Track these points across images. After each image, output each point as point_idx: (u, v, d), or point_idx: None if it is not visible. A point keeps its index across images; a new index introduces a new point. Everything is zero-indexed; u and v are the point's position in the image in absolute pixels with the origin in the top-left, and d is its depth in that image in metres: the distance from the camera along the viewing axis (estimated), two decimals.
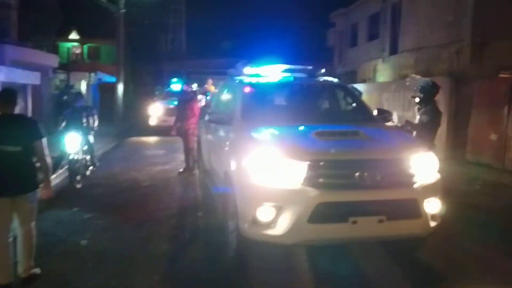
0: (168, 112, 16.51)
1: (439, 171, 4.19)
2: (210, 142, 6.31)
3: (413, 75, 8.94)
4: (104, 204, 6.48)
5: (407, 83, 9.50)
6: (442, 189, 4.11)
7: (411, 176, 3.90)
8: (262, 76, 5.83)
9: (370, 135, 4.22)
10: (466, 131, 10.59)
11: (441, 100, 11.34)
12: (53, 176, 7.78)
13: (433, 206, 3.96)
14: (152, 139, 15.09)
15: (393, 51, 16.34)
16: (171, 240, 4.95)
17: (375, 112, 5.40)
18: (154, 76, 38.36)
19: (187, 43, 43.16)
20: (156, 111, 16.79)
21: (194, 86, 20.02)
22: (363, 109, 5.55)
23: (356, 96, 5.84)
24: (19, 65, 11.87)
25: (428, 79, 6.69)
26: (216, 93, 7.16)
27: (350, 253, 4.56)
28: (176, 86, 10.02)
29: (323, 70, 6.06)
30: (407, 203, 3.83)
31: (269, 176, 3.79)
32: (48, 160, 3.91)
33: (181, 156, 10.85)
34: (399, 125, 6.30)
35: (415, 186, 3.88)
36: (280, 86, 5.81)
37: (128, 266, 4.22)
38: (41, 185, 3.93)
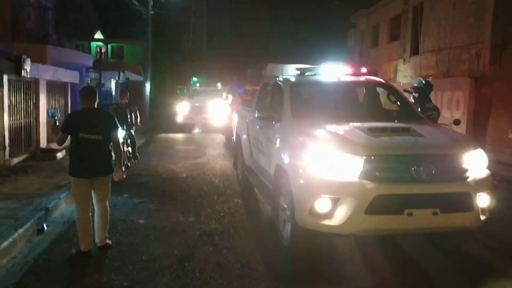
0: (194, 110, 17.27)
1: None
2: (255, 139, 6.37)
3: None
4: (150, 191, 7.17)
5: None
6: (492, 184, 4.28)
7: (464, 171, 4.06)
8: (308, 75, 6.05)
9: (421, 132, 4.38)
10: (486, 130, 10.97)
11: (461, 100, 11.80)
12: None
13: (483, 200, 4.11)
14: (179, 136, 15.81)
15: (414, 52, 16.69)
16: (217, 221, 5.59)
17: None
18: (175, 75, 39.25)
19: (208, 42, 44.03)
20: (182, 109, 17.52)
21: (218, 85, 20.78)
22: (408, 107, 5.65)
23: (400, 94, 5.89)
24: (59, 64, 12.67)
25: (421, 78, 7.15)
26: (259, 92, 7.27)
27: (400, 246, 4.75)
28: None
29: (364, 69, 6.12)
30: (460, 197, 3.99)
31: (326, 170, 3.97)
32: (121, 147, 4.56)
33: (212, 151, 11.56)
34: None
35: (468, 180, 4.03)
36: (326, 84, 5.89)
37: (185, 239, 4.89)
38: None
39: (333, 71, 6.03)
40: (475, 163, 4.16)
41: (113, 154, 4.59)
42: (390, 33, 19.30)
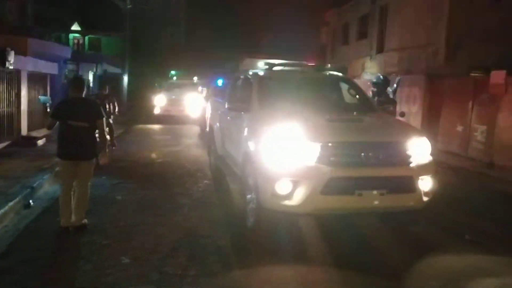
0: (171, 103, 17.86)
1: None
2: (226, 128, 6.86)
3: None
4: (127, 174, 7.86)
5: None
6: (434, 169, 4.74)
7: (407, 157, 4.56)
8: (275, 69, 6.60)
9: (373, 122, 4.97)
10: (438, 123, 12.02)
11: (418, 95, 12.83)
12: None
13: (426, 183, 4.59)
14: (156, 126, 16.42)
15: (380, 49, 17.72)
16: (187, 197, 6.38)
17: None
18: (153, 68, 39.47)
19: (187, 36, 44.38)
20: (160, 101, 18.06)
21: (195, 79, 21.38)
22: (366, 100, 6.20)
23: (359, 88, 6.43)
24: (39, 56, 13.09)
25: (379, 74, 8.06)
26: (230, 84, 7.66)
27: (354, 228, 5.18)
28: None
29: (329, 65, 6.78)
30: (404, 180, 4.50)
31: (287, 155, 4.41)
32: (106, 135, 5.09)
33: (187, 141, 12.28)
34: None
35: (411, 165, 4.53)
36: (292, 78, 6.40)
37: (158, 210, 5.66)
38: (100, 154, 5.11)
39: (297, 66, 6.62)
40: (419, 150, 4.66)
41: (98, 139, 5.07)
42: (359, 31, 20.32)
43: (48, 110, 5.23)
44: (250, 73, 6.55)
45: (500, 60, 12.53)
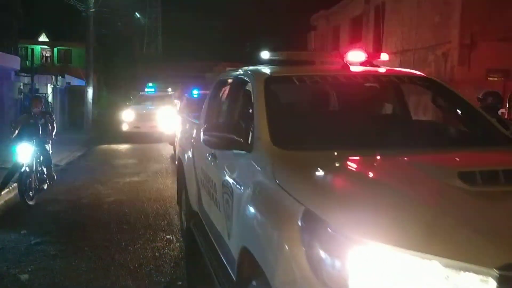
0: (141, 118, 15.76)
1: None
2: (204, 173, 3.72)
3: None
4: (58, 225, 5.60)
5: None
6: None
7: None
8: (293, 65, 3.43)
9: None
10: None
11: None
12: (4, 192, 6.88)
13: None
14: (123, 147, 14.20)
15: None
16: (132, 273, 4.05)
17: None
18: (129, 80, 37.36)
19: (163, 46, 42.43)
20: (128, 117, 16.02)
21: (169, 90, 19.30)
22: (481, 118, 3.06)
23: (461, 96, 3.24)
24: None
25: (488, 90, 6.01)
26: (209, 95, 4.47)
27: None
28: None
29: (384, 56, 3.39)
30: None
31: None
32: None
33: (154, 166, 10.06)
34: None
35: None
36: (328, 80, 3.22)
37: None
38: None
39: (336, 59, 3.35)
40: None
41: None
42: (351, 34, 18.52)
43: None
44: (248, 72, 3.37)
45: None
